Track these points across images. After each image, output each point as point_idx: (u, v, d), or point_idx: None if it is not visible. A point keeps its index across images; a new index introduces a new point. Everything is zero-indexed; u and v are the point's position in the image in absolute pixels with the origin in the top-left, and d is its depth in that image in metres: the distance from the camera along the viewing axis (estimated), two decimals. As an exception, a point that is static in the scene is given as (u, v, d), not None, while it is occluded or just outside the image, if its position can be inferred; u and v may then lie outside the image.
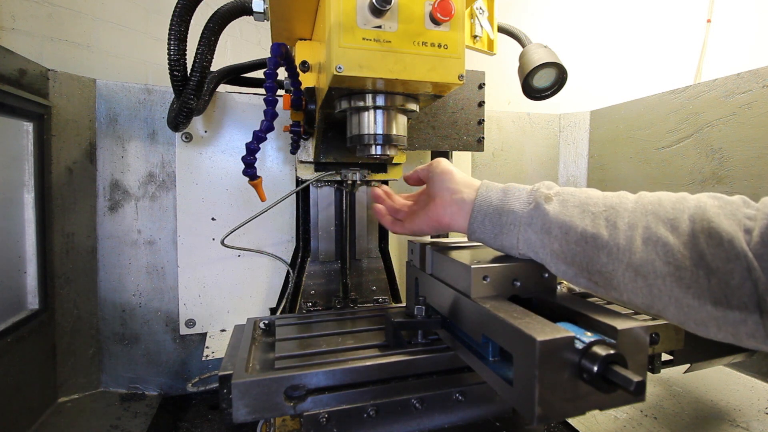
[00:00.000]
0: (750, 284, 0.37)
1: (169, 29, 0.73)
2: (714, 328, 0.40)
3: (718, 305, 0.38)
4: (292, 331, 0.66)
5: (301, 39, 0.79)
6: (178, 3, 0.72)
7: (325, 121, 0.77)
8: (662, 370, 0.64)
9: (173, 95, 0.84)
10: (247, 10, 0.77)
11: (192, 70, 0.78)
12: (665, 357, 0.64)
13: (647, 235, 0.42)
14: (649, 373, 0.57)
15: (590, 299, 0.58)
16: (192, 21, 0.75)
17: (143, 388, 1.04)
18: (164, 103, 1.03)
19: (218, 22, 0.77)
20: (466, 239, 0.61)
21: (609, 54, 1.76)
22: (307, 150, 0.85)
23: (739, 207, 0.40)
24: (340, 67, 0.52)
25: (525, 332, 0.36)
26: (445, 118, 0.95)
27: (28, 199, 0.86)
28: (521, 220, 0.50)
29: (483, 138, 0.98)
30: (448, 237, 1.15)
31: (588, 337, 0.37)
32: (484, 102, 0.97)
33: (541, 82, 0.90)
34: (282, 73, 0.74)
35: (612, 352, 0.35)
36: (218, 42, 0.79)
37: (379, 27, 0.53)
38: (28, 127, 0.85)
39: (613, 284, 0.44)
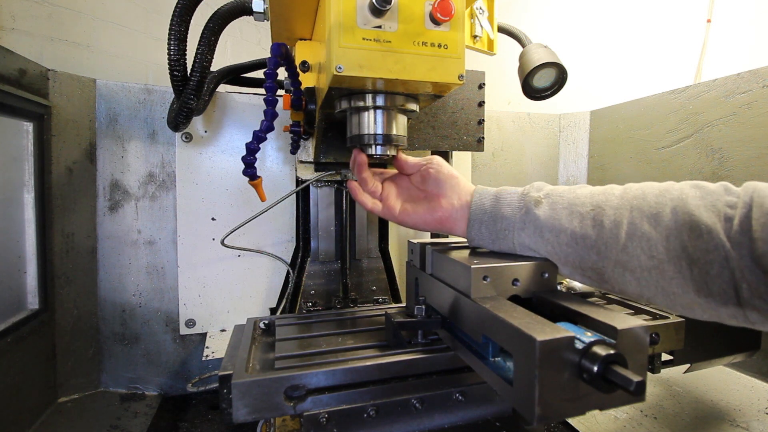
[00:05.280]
0: (728, 272, 0.39)
1: (169, 29, 0.73)
2: (699, 311, 0.43)
3: (700, 293, 0.41)
4: (292, 331, 0.66)
5: (301, 39, 0.79)
6: (178, 3, 0.72)
7: (325, 121, 0.77)
8: (662, 370, 0.64)
9: (173, 95, 0.84)
10: (247, 10, 0.77)
11: (192, 70, 0.78)
12: (665, 357, 0.64)
13: (632, 231, 0.44)
14: (649, 373, 0.57)
15: (590, 299, 0.58)
16: (192, 21, 0.75)
17: (143, 388, 1.04)
18: (164, 103, 1.03)
19: (218, 22, 0.77)
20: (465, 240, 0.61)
21: (609, 54, 1.75)
22: (307, 150, 0.85)
23: (720, 196, 0.41)
24: (340, 67, 0.52)
25: (525, 332, 0.36)
26: (445, 118, 0.95)
27: (28, 199, 0.86)
28: (514, 225, 0.52)
29: (483, 138, 0.98)
30: (447, 237, 1.16)
31: (588, 337, 0.37)
32: (484, 102, 0.97)
33: (541, 82, 0.90)
34: (282, 73, 0.74)
35: (612, 352, 0.35)
36: (218, 42, 0.79)
37: (379, 27, 0.53)
38: (28, 127, 0.85)
39: (605, 278, 0.47)
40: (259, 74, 0.89)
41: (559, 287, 0.52)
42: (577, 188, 0.51)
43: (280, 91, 0.79)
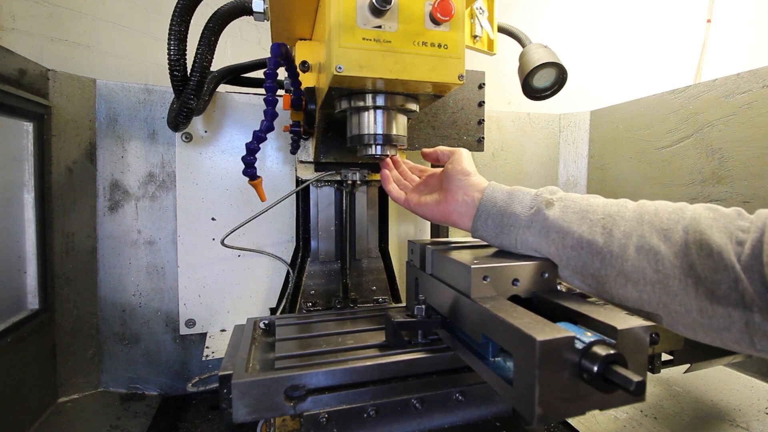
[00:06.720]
0: (736, 295, 0.38)
1: (169, 29, 0.73)
2: (701, 332, 0.42)
3: (704, 313, 0.40)
4: (292, 331, 0.66)
5: (301, 39, 0.79)
6: (178, 3, 0.72)
7: (325, 121, 0.77)
8: (662, 370, 0.64)
9: (173, 95, 0.84)
10: (247, 10, 0.77)
11: (192, 70, 0.78)
12: (665, 357, 0.64)
13: (640, 243, 0.44)
14: (649, 373, 0.57)
15: (590, 299, 0.58)
16: (192, 21, 0.75)
17: (143, 388, 1.04)
18: (164, 103, 1.03)
19: (218, 22, 0.77)
20: (466, 239, 0.61)
21: (609, 54, 1.76)
22: (307, 150, 0.85)
23: (733, 220, 0.41)
24: (340, 67, 0.52)
25: (525, 332, 0.36)
26: (445, 118, 0.95)
27: (28, 199, 0.86)
28: (521, 223, 0.52)
29: (483, 138, 0.98)
30: (448, 236, 1.16)
31: (588, 337, 0.37)
32: (484, 102, 0.97)
33: (541, 82, 0.90)
34: (282, 73, 0.74)
35: (612, 352, 0.35)
36: (218, 42, 0.79)
37: (379, 27, 0.53)
38: (28, 127, 0.85)
39: (605, 288, 0.47)
40: (259, 74, 0.89)
41: (559, 287, 0.52)
42: (590, 197, 0.51)
43: (280, 91, 0.79)
